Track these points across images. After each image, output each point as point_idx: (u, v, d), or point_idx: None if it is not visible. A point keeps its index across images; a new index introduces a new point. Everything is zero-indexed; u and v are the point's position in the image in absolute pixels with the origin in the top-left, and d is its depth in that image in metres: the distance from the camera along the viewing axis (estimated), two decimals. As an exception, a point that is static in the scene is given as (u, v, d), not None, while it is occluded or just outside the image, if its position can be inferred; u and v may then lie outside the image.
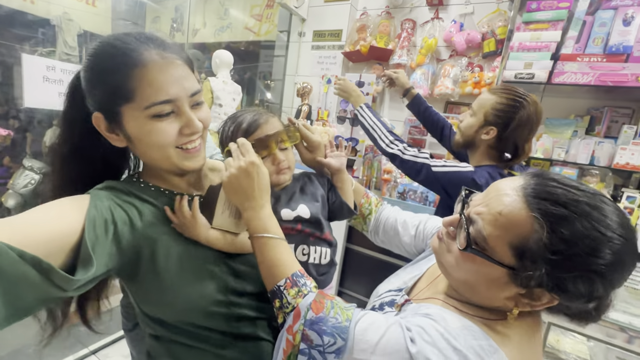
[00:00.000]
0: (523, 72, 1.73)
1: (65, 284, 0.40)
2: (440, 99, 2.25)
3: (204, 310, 0.55)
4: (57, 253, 0.42)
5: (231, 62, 1.93)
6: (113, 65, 0.48)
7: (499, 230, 0.44)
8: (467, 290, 0.50)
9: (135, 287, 0.55)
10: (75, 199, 0.47)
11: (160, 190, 0.57)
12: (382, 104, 2.52)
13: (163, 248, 0.53)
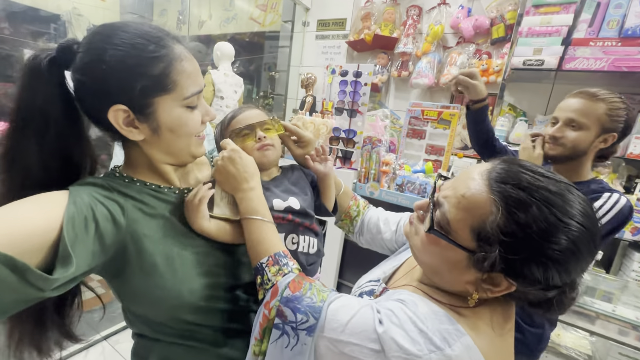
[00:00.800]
0: (532, 59, 1.66)
1: (43, 284, 0.39)
2: (447, 88, 2.19)
3: (193, 306, 0.55)
4: (33, 252, 0.40)
5: (232, 54, 1.92)
6: (151, 55, 0.48)
7: (461, 213, 0.45)
8: (433, 273, 0.51)
9: (121, 284, 0.54)
10: (53, 195, 0.45)
11: (145, 185, 0.56)
12: (387, 94, 2.48)
13: (150, 244, 0.52)
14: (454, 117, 1.33)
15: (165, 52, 0.49)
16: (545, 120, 1.90)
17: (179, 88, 0.51)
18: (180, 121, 0.53)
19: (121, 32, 0.47)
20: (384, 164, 1.33)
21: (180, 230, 0.56)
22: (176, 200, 0.58)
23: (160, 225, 0.54)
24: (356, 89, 1.31)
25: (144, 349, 0.61)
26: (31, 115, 0.48)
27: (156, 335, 0.58)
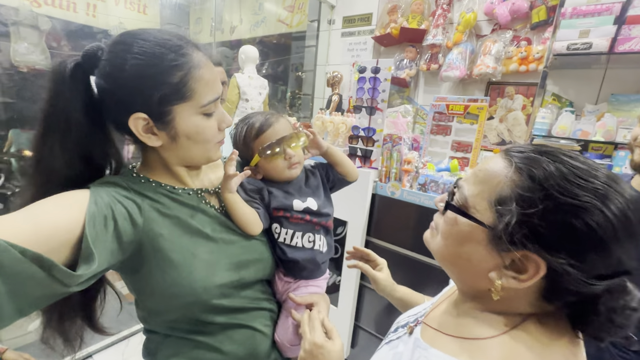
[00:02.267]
0: (577, 42, 1.49)
1: (68, 279, 0.41)
2: (480, 80, 2.05)
3: (207, 303, 0.57)
4: (58, 249, 0.42)
5: (256, 57, 1.96)
6: (170, 64, 0.49)
7: (478, 187, 0.43)
8: (454, 270, 0.49)
9: (137, 281, 0.56)
10: (74, 195, 0.47)
11: (160, 185, 0.58)
12: (417, 89, 2.37)
13: (166, 243, 0.54)
14: (482, 111, 1.23)
15: (183, 60, 0.50)
16: (595, 111, 1.70)
17: (197, 96, 0.52)
18: (197, 129, 0.54)
19: (141, 41, 0.49)
20: (405, 163, 1.27)
21: (194, 230, 0.58)
22: (191, 202, 0.60)
23: (175, 225, 0.56)
24: (375, 86, 1.26)
25: (154, 344, 0.63)
26: (56, 119, 0.50)
27: (167, 331, 0.61)
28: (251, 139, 0.71)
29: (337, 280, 1.50)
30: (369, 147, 1.32)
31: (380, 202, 1.34)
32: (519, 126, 2.02)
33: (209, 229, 0.60)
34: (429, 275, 1.25)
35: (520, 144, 0.46)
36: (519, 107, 2.00)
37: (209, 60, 0.55)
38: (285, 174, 0.71)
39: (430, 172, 1.24)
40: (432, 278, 1.24)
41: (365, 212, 1.35)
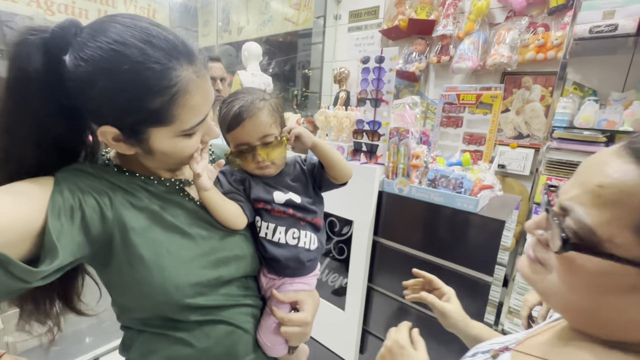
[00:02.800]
0: (601, 25, 1.37)
1: (27, 276, 0.38)
2: (495, 71, 1.94)
3: (178, 302, 0.53)
4: (17, 242, 0.39)
5: (260, 54, 1.92)
6: (153, 90, 0.43)
7: (608, 211, 0.31)
8: (581, 319, 0.36)
9: (107, 276, 0.53)
10: (37, 182, 0.44)
11: (135, 175, 0.54)
12: (427, 82, 2.28)
13: (137, 237, 0.50)
14: (496, 100, 1.14)
15: (167, 84, 0.43)
16: (622, 99, 1.57)
17: (178, 122, 0.47)
18: (175, 149, 0.50)
19: (122, 57, 0.41)
20: (413, 157, 1.19)
21: (169, 224, 0.54)
22: (167, 194, 0.56)
23: (148, 219, 0.52)
24: (379, 76, 1.19)
25: (129, 340, 0.60)
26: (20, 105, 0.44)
27: (140, 327, 0.57)
28: (224, 129, 0.66)
29: (344, 282, 1.43)
30: (374, 141, 1.25)
31: (388, 200, 1.26)
32: (537, 118, 1.90)
33: (185, 223, 0.56)
34: (439, 276, 1.17)
35: (630, 136, 0.34)
36: (537, 98, 1.88)
37: (201, 73, 0.47)
38: (257, 172, 0.67)
39: (440, 166, 1.16)
40: (442, 279, 1.16)
41: (372, 210, 1.28)
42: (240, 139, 0.64)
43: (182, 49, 0.45)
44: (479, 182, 1.09)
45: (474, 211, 1.05)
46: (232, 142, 0.66)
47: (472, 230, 1.07)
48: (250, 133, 0.63)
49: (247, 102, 0.63)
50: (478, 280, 1.07)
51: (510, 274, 1.94)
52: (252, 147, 0.64)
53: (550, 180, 1.69)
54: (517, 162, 1.97)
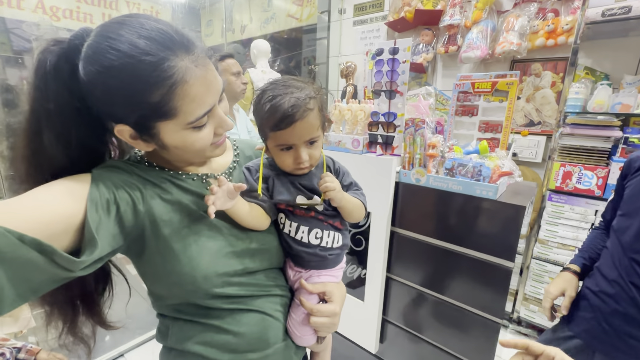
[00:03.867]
0: (614, 8, 1.37)
1: (71, 265, 0.40)
2: (504, 59, 1.94)
3: (207, 292, 0.55)
4: (60, 234, 0.41)
5: (268, 51, 1.93)
6: (149, 82, 0.43)
7: None
8: None
9: (142, 265, 0.55)
10: (76, 179, 0.47)
11: (164, 170, 0.56)
12: (435, 73, 2.28)
13: (167, 229, 0.52)
14: (512, 87, 1.14)
15: (164, 76, 0.43)
16: (636, 82, 1.57)
17: (181, 114, 0.47)
18: (186, 142, 0.50)
19: (114, 52, 0.42)
20: (430, 147, 1.20)
21: (197, 217, 0.56)
22: (194, 187, 0.58)
23: (178, 212, 0.54)
24: (394, 68, 1.20)
25: (164, 327, 0.63)
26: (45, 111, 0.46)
27: (174, 314, 0.60)
28: (267, 126, 0.60)
29: (363, 273, 1.44)
30: (389, 133, 1.26)
31: (405, 190, 1.27)
32: (548, 105, 1.90)
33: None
34: (455, 263, 1.18)
35: None
36: (547, 85, 1.88)
37: (202, 63, 0.47)
38: (292, 170, 0.65)
39: (457, 155, 1.17)
40: (462, 267, 1.17)
41: (389, 201, 1.29)
42: (288, 141, 0.60)
43: (178, 38, 0.45)
44: (498, 169, 1.09)
45: (494, 198, 1.06)
46: (276, 140, 0.61)
47: (492, 217, 1.08)
48: (299, 135, 0.60)
49: (300, 101, 0.58)
50: (499, 266, 1.08)
51: (525, 260, 1.95)
52: (294, 147, 0.62)
53: (564, 167, 1.69)
54: (529, 150, 1.97)
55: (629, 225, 0.83)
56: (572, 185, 1.68)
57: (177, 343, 0.60)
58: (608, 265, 0.88)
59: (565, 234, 1.74)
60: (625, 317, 0.81)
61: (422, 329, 1.34)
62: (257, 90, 0.66)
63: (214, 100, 0.50)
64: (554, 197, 1.75)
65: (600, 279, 0.89)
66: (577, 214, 1.69)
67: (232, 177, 0.65)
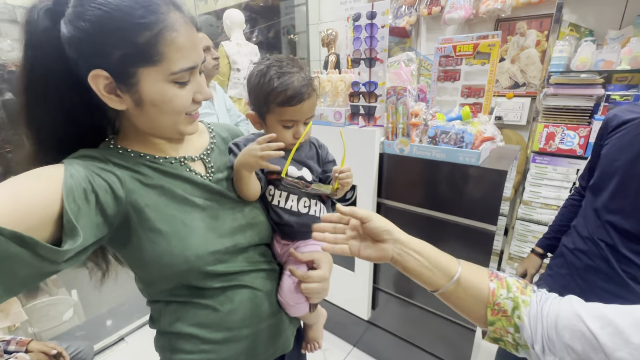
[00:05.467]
0: (599, -43, 1.30)
1: (55, 256, 0.39)
2: (489, 18, 1.87)
3: (200, 270, 0.56)
4: (38, 226, 0.40)
5: (242, 21, 1.82)
6: (138, 21, 0.43)
7: None
8: None
9: (130, 254, 0.55)
10: (48, 169, 0.45)
11: (140, 155, 0.55)
12: (418, 37, 2.20)
13: (153, 213, 0.52)
14: (494, 48, 1.10)
15: (153, 18, 0.44)
16: (620, 37, 1.54)
17: (166, 61, 0.46)
18: (164, 97, 0.49)
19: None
20: (412, 116, 1.18)
21: (181, 199, 0.56)
22: (174, 170, 0.57)
23: (160, 195, 0.54)
24: (372, 34, 1.14)
25: (156, 312, 0.63)
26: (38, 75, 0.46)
27: (167, 298, 0.60)
28: (275, 101, 0.62)
29: (352, 245, 1.47)
30: (371, 103, 1.23)
31: (389, 161, 1.26)
32: (533, 65, 1.87)
33: (196, 197, 0.58)
34: (444, 231, 1.20)
35: None
36: (532, 44, 1.84)
37: (189, 23, 0.48)
38: (287, 144, 0.67)
39: (440, 122, 1.15)
40: (448, 234, 1.20)
41: (374, 173, 1.28)
42: (294, 117, 0.64)
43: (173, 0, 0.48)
44: (480, 135, 1.08)
45: (476, 164, 1.06)
46: (281, 115, 0.64)
47: (475, 182, 1.09)
48: (305, 112, 0.64)
49: (305, 80, 0.63)
50: (483, 230, 1.11)
51: (510, 223, 2.00)
52: (295, 123, 0.65)
53: (548, 128, 1.69)
54: (514, 113, 1.96)
55: (604, 185, 0.84)
56: (555, 146, 1.69)
57: (170, 325, 0.60)
58: (582, 224, 0.91)
59: (548, 194, 1.78)
60: (598, 272, 0.85)
61: (412, 294, 1.39)
62: (256, 64, 0.67)
63: (197, 60, 0.50)
64: (537, 158, 1.77)
65: (576, 236, 0.92)
66: (559, 174, 1.72)
67: (211, 159, 0.64)
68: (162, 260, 0.53)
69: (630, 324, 0.36)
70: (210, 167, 0.63)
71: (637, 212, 0.77)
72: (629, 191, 0.79)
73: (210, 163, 0.63)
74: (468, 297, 0.49)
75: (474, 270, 0.52)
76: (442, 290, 0.51)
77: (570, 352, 0.40)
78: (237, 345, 0.61)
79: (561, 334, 0.41)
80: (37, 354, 0.98)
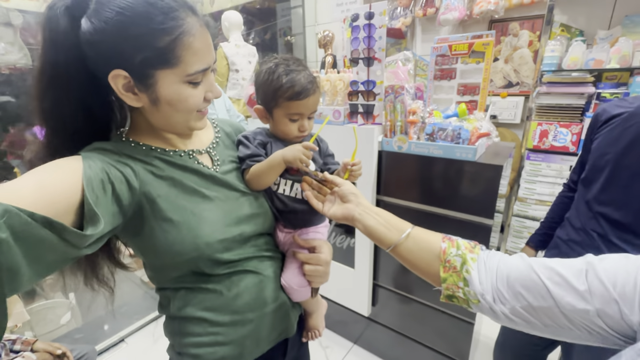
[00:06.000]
0: (588, -40, 1.35)
1: (79, 240, 0.41)
2: (482, 19, 1.92)
3: (210, 257, 0.58)
4: (63, 214, 0.42)
5: (240, 22, 1.84)
6: (158, 27, 0.46)
7: None
8: None
9: (141, 242, 0.57)
10: (68, 161, 0.47)
11: (151, 149, 0.58)
12: (414, 38, 2.24)
13: (164, 203, 0.55)
14: (489, 47, 1.14)
15: (173, 24, 0.47)
16: (609, 36, 1.59)
17: (182, 64, 0.49)
18: (180, 97, 0.52)
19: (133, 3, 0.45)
20: (410, 114, 1.20)
21: (190, 190, 0.58)
22: (184, 163, 0.59)
23: (171, 186, 0.56)
24: (370, 34, 1.17)
25: (165, 299, 0.65)
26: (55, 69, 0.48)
27: (176, 285, 0.62)
28: (283, 96, 0.66)
29: (352, 242, 1.49)
30: (370, 101, 1.25)
31: (388, 158, 1.29)
32: (526, 65, 1.91)
33: (204, 188, 0.60)
34: (439, 225, 1.23)
35: None
36: (525, 44, 1.88)
37: (204, 27, 0.51)
38: (288, 137, 0.71)
39: (437, 120, 1.18)
40: (447, 229, 1.21)
41: (373, 170, 1.30)
42: (300, 110, 0.67)
43: (189, 3, 0.50)
44: (476, 131, 1.11)
45: (473, 159, 1.09)
46: (289, 109, 0.67)
47: (472, 178, 1.11)
48: (310, 106, 0.68)
49: (311, 77, 0.67)
50: (480, 224, 1.13)
51: (506, 220, 2.04)
52: (301, 117, 0.68)
53: (541, 126, 1.73)
54: (508, 111, 2.00)
55: (595, 177, 0.87)
56: (549, 143, 1.73)
57: (179, 310, 0.62)
58: (575, 216, 0.94)
59: (543, 191, 1.82)
60: None
61: (411, 290, 1.41)
62: (263, 62, 0.71)
63: (210, 61, 0.53)
64: (531, 156, 1.81)
65: (569, 228, 0.95)
66: (553, 170, 1.76)
67: (217, 152, 0.67)
68: (173, 248, 0.55)
69: (573, 274, 0.42)
70: (216, 160, 0.66)
71: (627, 203, 0.80)
72: (618, 183, 0.82)
73: (216, 156, 0.66)
74: (420, 252, 0.54)
75: (428, 232, 0.57)
76: (396, 243, 0.56)
77: (521, 299, 0.44)
78: (243, 329, 0.64)
79: (512, 284, 0.45)
80: (42, 353, 0.98)
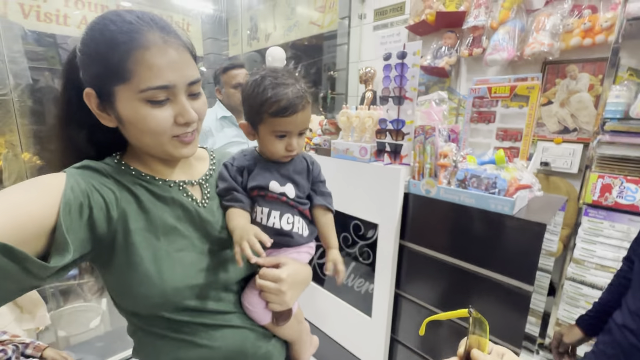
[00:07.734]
0: (661, 0, 1.21)
1: (41, 272, 0.39)
2: (534, 61, 1.79)
3: (177, 305, 0.54)
4: (32, 238, 0.40)
5: (284, 58, 1.93)
6: (112, 42, 0.46)
7: None
8: None
9: (109, 275, 0.53)
10: (49, 179, 0.46)
11: (141, 175, 0.55)
12: (458, 78, 2.17)
13: (139, 238, 0.51)
14: (534, 91, 1.03)
15: (126, 38, 0.46)
16: (690, 83, 1.37)
17: (135, 78, 0.47)
18: (137, 115, 0.49)
19: (101, 16, 0.48)
20: (441, 157, 1.12)
21: (170, 227, 0.55)
22: (171, 194, 0.57)
23: (150, 221, 0.53)
24: (402, 73, 1.14)
25: (137, 343, 0.61)
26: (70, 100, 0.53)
27: (147, 328, 0.58)
28: (268, 111, 0.61)
29: (370, 288, 1.38)
30: (398, 141, 1.20)
31: (414, 202, 1.20)
32: (585, 110, 1.72)
33: (186, 226, 0.57)
34: (469, 283, 1.08)
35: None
36: (584, 88, 1.70)
37: (171, 44, 0.49)
38: (275, 157, 0.66)
39: (471, 165, 1.08)
40: (476, 288, 1.07)
41: (398, 213, 1.22)
42: (287, 128, 0.62)
43: (158, 20, 0.50)
44: (515, 182, 0.99)
45: (510, 213, 0.96)
46: (274, 126, 0.62)
47: (509, 234, 0.98)
48: (297, 124, 0.63)
49: (302, 92, 0.62)
50: (517, 289, 0.98)
51: (558, 281, 1.76)
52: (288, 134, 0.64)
53: (603, 178, 1.51)
54: (563, 159, 1.80)
55: None
56: (613, 200, 1.50)
57: (148, 358, 0.59)
58: (632, 297, 0.77)
59: (604, 254, 1.55)
60: None
61: (435, 354, 1.24)
62: (252, 74, 0.67)
63: (175, 80, 0.49)
64: (590, 212, 1.58)
65: (626, 311, 0.77)
66: (618, 231, 1.51)
67: (208, 184, 0.65)
68: (138, 290, 0.51)
69: None
70: (207, 193, 0.63)
71: None
72: None
73: (207, 189, 0.63)
74: None
75: None
76: None
77: None
78: None
79: None
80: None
